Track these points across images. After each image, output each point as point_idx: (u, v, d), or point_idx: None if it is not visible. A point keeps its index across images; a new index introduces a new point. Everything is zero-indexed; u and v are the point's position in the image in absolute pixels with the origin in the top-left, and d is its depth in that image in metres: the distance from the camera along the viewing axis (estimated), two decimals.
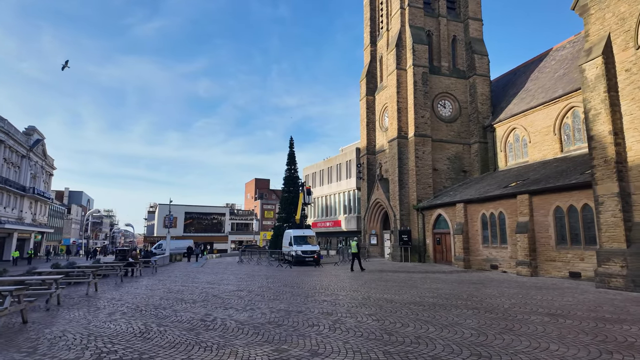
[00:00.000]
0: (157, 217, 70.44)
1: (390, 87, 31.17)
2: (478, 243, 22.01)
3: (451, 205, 24.30)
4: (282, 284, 15.02)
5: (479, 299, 10.80)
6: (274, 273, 20.46)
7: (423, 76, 29.80)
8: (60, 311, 9.36)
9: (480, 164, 29.96)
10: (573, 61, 26.53)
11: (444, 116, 30.91)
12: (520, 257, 18.44)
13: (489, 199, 21.23)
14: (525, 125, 26.67)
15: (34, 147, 46.74)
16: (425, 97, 29.70)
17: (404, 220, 28.79)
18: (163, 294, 12.41)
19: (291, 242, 27.53)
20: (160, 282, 16.31)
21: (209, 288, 13.99)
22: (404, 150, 29.67)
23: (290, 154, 37.36)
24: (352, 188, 42.39)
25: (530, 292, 12.19)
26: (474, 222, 22.33)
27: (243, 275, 19.49)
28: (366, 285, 14.57)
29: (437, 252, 26.13)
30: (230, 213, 74.10)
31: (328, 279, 17.24)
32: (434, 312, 8.89)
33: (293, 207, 35.39)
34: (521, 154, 27.25)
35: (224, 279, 17.35)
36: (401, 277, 17.68)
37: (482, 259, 21.59)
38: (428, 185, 28.64)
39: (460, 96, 31.53)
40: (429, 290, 13.01)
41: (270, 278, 17.64)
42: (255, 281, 16.33)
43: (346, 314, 8.66)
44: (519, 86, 31.06)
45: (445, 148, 30.24)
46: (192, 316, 8.60)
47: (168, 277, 19.09)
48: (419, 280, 15.93)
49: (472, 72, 31.50)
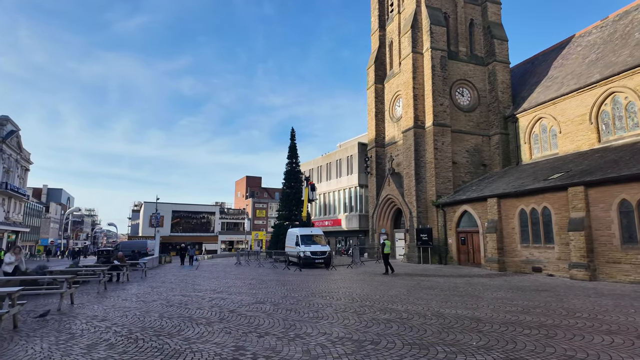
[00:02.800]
0: (142, 216, 66.49)
1: (405, 72, 28.55)
2: (515, 242, 19.52)
3: (480, 200, 21.78)
4: (307, 293, 12.16)
5: (579, 313, 8.16)
6: (285, 277, 17.56)
7: (442, 60, 27.27)
8: (12, 343, 6.32)
9: (501, 157, 27.60)
10: (606, 45, 24.44)
11: (462, 105, 28.45)
12: (574, 258, 15.96)
13: (530, 192, 18.74)
14: (555, 115, 24.40)
15: (7, 139, 42.60)
16: (444, 83, 27.19)
17: (421, 218, 26.19)
18: (162, 309, 9.43)
19: (298, 242, 24.63)
20: (154, 290, 13.26)
21: (219, 299, 11.04)
22: (420, 141, 27.07)
23: (291, 147, 34.38)
24: (354, 185, 39.62)
25: (623, 302, 9.61)
26: (510, 219, 19.83)
27: (251, 280, 16.54)
28: (412, 293, 11.83)
29: (461, 253, 23.59)
30: (220, 212, 70.54)
31: (357, 285, 14.44)
32: (569, 341, 6.17)
33: (295, 203, 32.49)
34: (549, 146, 24.97)
35: (231, 286, 14.38)
36: (440, 282, 15.00)
37: (520, 260, 19.10)
38: (448, 180, 26.11)
39: (478, 84, 29.14)
40: (497, 300, 10.34)
41: (286, 284, 14.74)
42: (270, 288, 13.42)
43: (451, 347, 5.87)
44: (541, 74, 28.88)
45: (464, 140, 27.78)
46: (218, 351, 5.70)
47: (162, 283, 16.00)
48: (464, 286, 13.27)
49: (491, 58, 29.14)
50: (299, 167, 34.26)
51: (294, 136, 34.51)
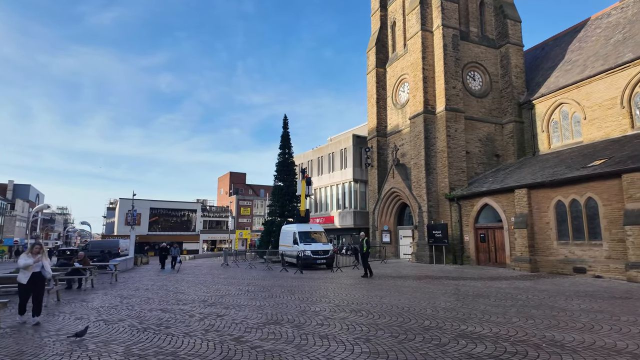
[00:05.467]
0: (117, 214, 61.89)
1: (413, 52, 25.86)
2: (550, 239, 17.03)
3: (505, 192, 19.26)
4: (330, 305, 9.19)
5: None
6: (288, 282, 14.54)
7: (454, 39, 24.70)
8: None
9: (516, 147, 25.25)
10: (632, 25, 22.38)
11: (473, 90, 25.98)
12: (632, 257, 13.54)
13: (570, 181, 16.28)
14: (579, 99, 22.16)
15: None
16: (456, 64, 24.64)
17: (432, 213, 23.56)
18: (131, 337, 6.32)
19: (296, 239, 21.63)
20: (124, 303, 10.05)
21: (214, 316, 7.97)
22: (431, 128, 24.43)
23: (284, 136, 31.19)
24: (348, 179, 36.79)
25: None
26: (544, 213, 17.34)
27: (247, 286, 13.45)
28: (467, 305, 9.04)
29: (480, 252, 21.05)
30: (202, 209, 66.56)
31: (385, 292, 11.55)
32: None
33: (288, 198, 29.41)
34: (571, 134, 22.74)
35: (225, 294, 11.28)
36: (481, 287, 12.29)
37: (557, 260, 16.62)
38: (461, 171, 23.56)
39: (490, 68, 26.73)
40: (591, 313, 7.65)
41: (294, 291, 11.72)
42: (276, 298, 10.40)
43: None
44: (555, 59, 26.72)
45: (475, 128, 25.30)
46: None
47: (135, 290, 12.75)
48: (516, 292, 10.55)
49: (504, 40, 26.77)
50: (292, 158, 31.14)
51: (286, 124, 31.34)
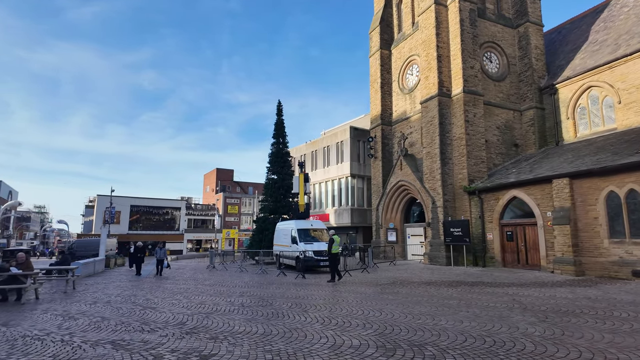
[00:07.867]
0: (96, 212, 57.81)
1: (425, 28, 23.11)
2: (599, 237, 14.43)
3: (539, 182, 16.62)
4: (374, 333, 6.28)
5: None
6: (292, 290, 11.56)
7: (471, 14, 22.06)
8: None
9: (537, 136, 22.74)
10: None
11: (490, 73, 23.39)
12: None
13: (626, 168, 13.70)
14: (612, 82, 19.75)
15: None
16: (474, 42, 22.00)
17: (448, 208, 20.86)
18: None
19: (295, 238, 18.65)
20: (63, 328, 6.92)
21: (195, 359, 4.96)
22: (446, 112, 21.72)
23: (277, 123, 28.07)
24: (345, 175, 33.97)
25: None
26: (590, 206, 14.74)
27: (240, 296, 10.41)
28: (566, 328, 6.23)
29: (506, 252, 18.39)
30: (187, 207, 62.90)
31: (427, 308, 8.65)
32: None
33: (283, 192, 26.37)
34: (601, 121, 20.33)
35: (213, 311, 8.24)
36: (540, 297, 9.53)
37: (609, 261, 14.02)
38: (481, 161, 20.92)
39: (508, 49, 24.18)
40: None
41: (306, 307, 8.75)
42: (285, 318, 7.42)
43: None
44: (577, 41, 24.34)
45: (493, 114, 22.71)
46: None
47: (91, 305, 9.59)
48: (594, 306, 7.86)
49: (522, 19, 24.26)
50: (287, 149, 28.09)
51: (280, 111, 28.24)
